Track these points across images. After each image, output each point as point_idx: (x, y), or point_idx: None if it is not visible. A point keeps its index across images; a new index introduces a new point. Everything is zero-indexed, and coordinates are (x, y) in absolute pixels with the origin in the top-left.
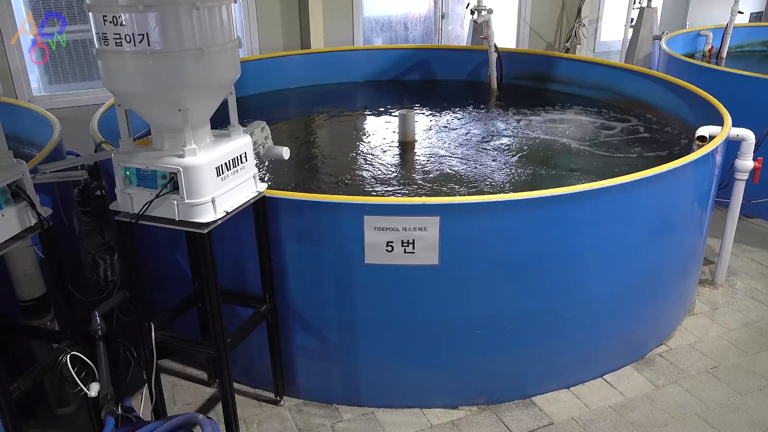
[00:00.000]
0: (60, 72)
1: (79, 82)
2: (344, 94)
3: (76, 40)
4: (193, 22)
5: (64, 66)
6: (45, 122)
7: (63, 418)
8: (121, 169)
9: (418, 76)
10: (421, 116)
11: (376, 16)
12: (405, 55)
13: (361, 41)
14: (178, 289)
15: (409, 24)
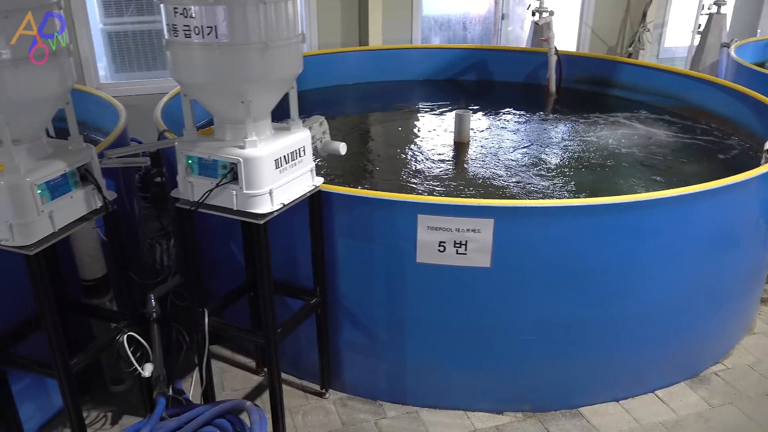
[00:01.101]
0: (126, 61)
1: (144, 72)
2: (400, 92)
3: (142, 30)
4: (260, 16)
5: (130, 55)
6: (111, 109)
7: (116, 395)
8: (184, 157)
9: (475, 77)
10: (477, 117)
11: (435, 15)
12: (462, 55)
13: (419, 40)
14: (231, 277)
15: (468, 24)
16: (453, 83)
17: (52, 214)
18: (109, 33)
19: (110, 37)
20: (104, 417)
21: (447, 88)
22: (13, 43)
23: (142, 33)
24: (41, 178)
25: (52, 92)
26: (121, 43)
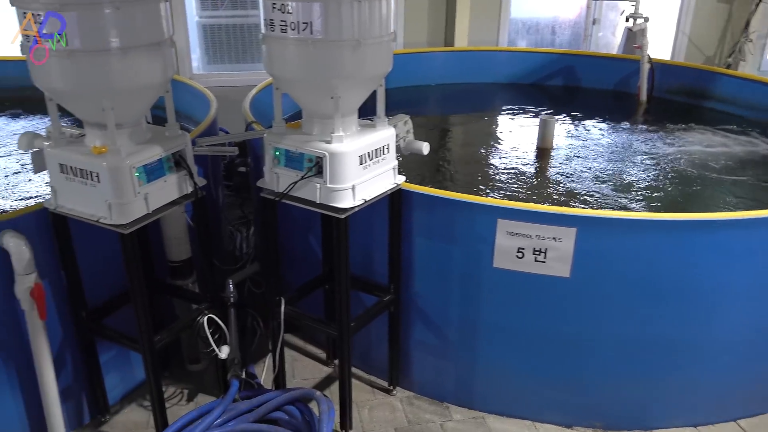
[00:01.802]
0: (218, 53)
1: (234, 64)
2: (484, 95)
3: (235, 24)
4: (354, 14)
5: (222, 48)
6: (203, 98)
7: (193, 374)
8: (272, 149)
9: (561, 82)
10: (562, 123)
11: (523, 17)
12: (550, 60)
13: (505, 42)
14: (307, 268)
15: (557, 28)
16: (538, 88)
17: (147, 197)
18: (204, 26)
19: (204, 29)
20: (181, 393)
21: (532, 93)
22: (122, 32)
23: (235, 26)
24: (139, 162)
25: (154, 80)
26: (215, 35)
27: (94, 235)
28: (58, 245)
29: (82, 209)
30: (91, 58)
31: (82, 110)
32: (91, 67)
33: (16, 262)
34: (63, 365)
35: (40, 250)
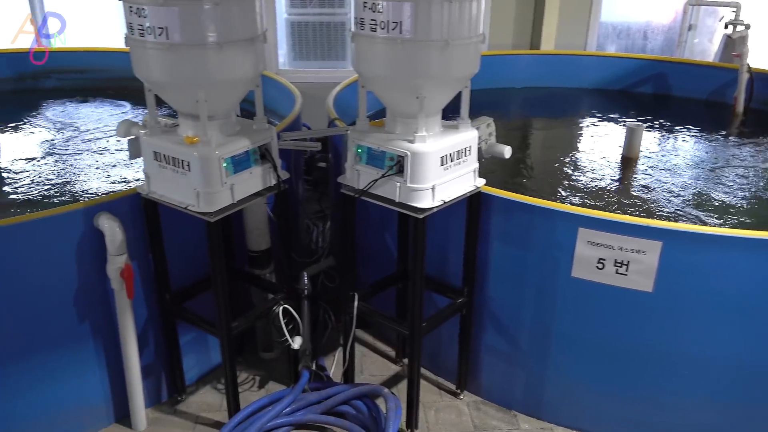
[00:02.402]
0: (304, 50)
1: (319, 61)
2: (569, 100)
3: (321, 22)
4: (444, 14)
5: (308, 44)
6: (288, 94)
7: (265, 362)
8: (355, 146)
9: (651, 89)
10: (650, 132)
11: (613, 21)
12: (640, 66)
13: (593, 47)
14: (382, 266)
15: (649, 33)
16: (627, 95)
17: (233, 187)
18: (292, 23)
19: (292, 26)
20: (252, 380)
21: (619, 99)
22: (219, 27)
23: (321, 24)
24: (228, 153)
25: (246, 74)
26: (302, 32)
27: (181, 221)
28: (148, 229)
29: (172, 196)
30: (190, 51)
31: (178, 101)
32: (189, 60)
33: (110, 243)
34: (146, 344)
35: (131, 232)
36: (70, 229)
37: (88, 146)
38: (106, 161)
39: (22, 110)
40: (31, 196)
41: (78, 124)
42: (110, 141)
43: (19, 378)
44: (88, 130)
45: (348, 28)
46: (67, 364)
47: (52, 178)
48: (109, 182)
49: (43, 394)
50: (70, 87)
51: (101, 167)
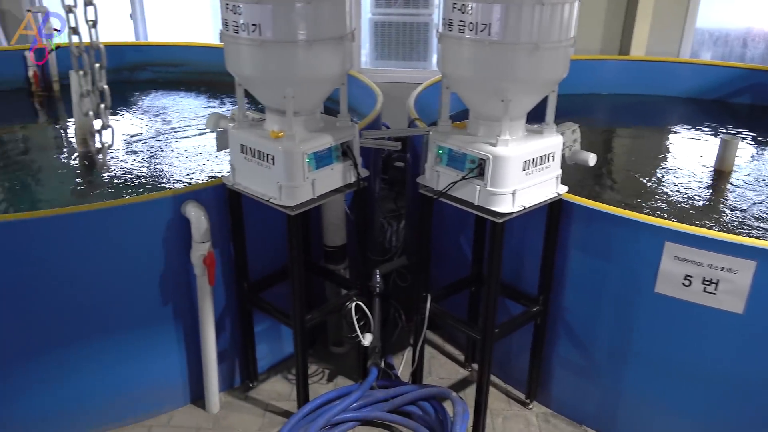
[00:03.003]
0: (386, 49)
1: (400, 61)
2: (659, 108)
3: (405, 22)
4: (534, 17)
5: (390, 44)
6: (369, 92)
7: (335, 356)
8: (435, 147)
9: (749, 100)
10: (746, 144)
11: (710, 27)
12: (738, 75)
13: (687, 54)
14: (455, 268)
15: (749, 41)
16: (722, 105)
17: (314, 182)
18: (376, 22)
19: (376, 25)
20: (322, 373)
21: (714, 110)
22: (309, 25)
23: (405, 25)
24: (311, 149)
25: (334, 72)
26: (385, 32)
27: (262, 213)
28: (231, 219)
29: (255, 188)
30: (280, 48)
31: (266, 96)
32: (279, 57)
33: (195, 230)
34: (222, 330)
35: (215, 221)
36: (160, 215)
37: (178, 137)
38: (194, 152)
39: (117, 100)
40: (123, 182)
41: (169, 115)
42: (199, 132)
43: (106, 353)
44: (179, 122)
45: (431, 30)
46: (149, 343)
47: (144, 166)
48: (196, 172)
49: (126, 371)
50: (163, 80)
51: (189, 157)
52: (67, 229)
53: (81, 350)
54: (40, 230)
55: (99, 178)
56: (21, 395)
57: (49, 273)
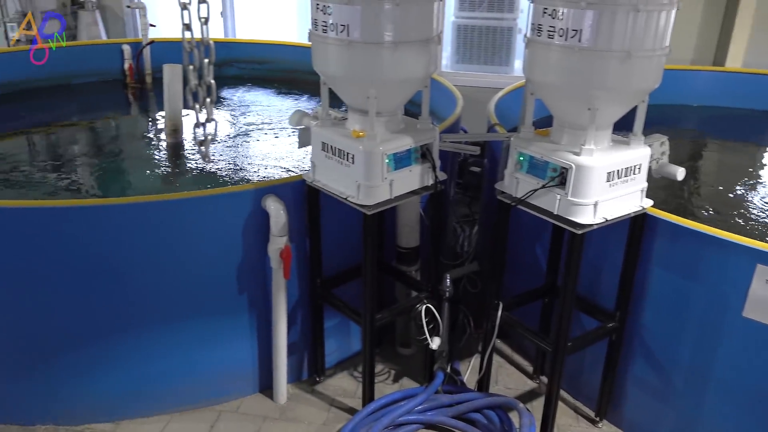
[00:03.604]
0: (468, 53)
1: (481, 65)
2: (755, 122)
3: (488, 26)
4: (628, 24)
5: (472, 48)
6: (449, 96)
7: (401, 357)
8: (517, 153)
9: None
10: None
11: None
12: None
13: None
14: (529, 277)
15: None
16: None
17: (392, 183)
18: (458, 25)
19: (458, 29)
20: (387, 373)
21: None
22: (397, 27)
23: (488, 29)
24: (391, 149)
25: (418, 75)
26: (467, 35)
27: (339, 211)
28: (309, 215)
29: (334, 186)
30: (366, 49)
31: (350, 96)
32: (365, 57)
33: (274, 224)
34: (293, 323)
35: (293, 216)
36: (240, 207)
37: (260, 132)
38: (276, 147)
39: None
40: (208, 174)
41: (253, 111)
42: (281, 129)
43: (182, 337)
44: (262, 118)
45: (515, 34)
46: (223, 331)
47: (227, 159)
48: (277, 167)
49: (200, 355)
50: (248, 76)
51: (270, 152)
52: (153, 216)
53: (159, 333)
54: (128, 216)
55: (185, 168)
56: (102, 372)
57: (133, 257)
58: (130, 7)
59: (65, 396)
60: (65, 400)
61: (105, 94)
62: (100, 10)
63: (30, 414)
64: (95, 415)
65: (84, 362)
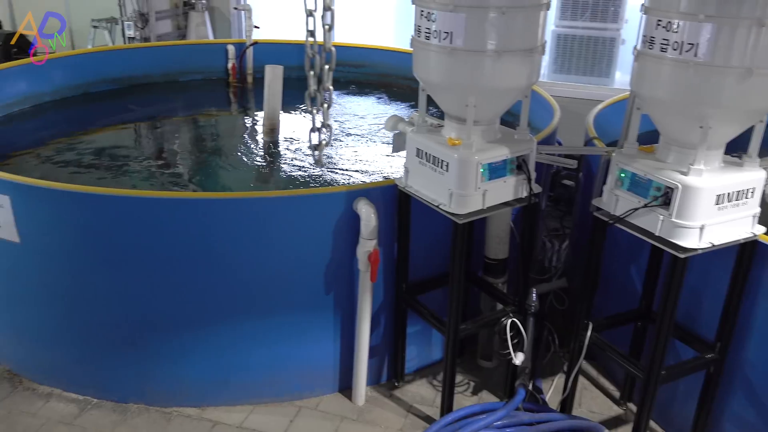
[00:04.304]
0: (566, 63)
1: (580, 76)
2: None
3: (589, 36)
4: (750, 39)
5: (571, 58)
6: (546, 106)
7: (482, 369)
8: (618, 169)
9: None
10: None
11: None
12: None
13: None
14: (621, 299)
15: None
16: None
17: (486, 193)
18: (558, 34)
19: (558, 38)
20: (467, 384)
21: None
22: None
23: (589, 39)
24: (486, 159)
25: (520, 84)
26: (567, 45)
27: (428, 218)
28: (399, 220)
29: (426, 192)
30: (469, 57)
31: (448, 103)
32: (467, 65)
33: (364, 227)
34: (376, 326)
35: (383, 220)
36: (332, 208)
37: (352, 135)
38: (367, 150)
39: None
40: (299, 174)
41: (346, 114)
42: (374, 132)
43: (268, 331)
44: (355, 121)
45: (618, 45)
46: (307, 328)
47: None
48: (367, 170)
49: (284, 350)
50: (345, 79)
51: (362, 156)
52: (250, 211)
53: (248, 325)
54: (228, 211)
55: (279, 167)
56: (192, 358)
57: (229, 251)
58: (237, 9)
59: (157, 378)
60: (156, 382)
61: (208, 92)
62: (209, 11)
63: (123, 392)
64: (183, 399)
65: (176, 348)
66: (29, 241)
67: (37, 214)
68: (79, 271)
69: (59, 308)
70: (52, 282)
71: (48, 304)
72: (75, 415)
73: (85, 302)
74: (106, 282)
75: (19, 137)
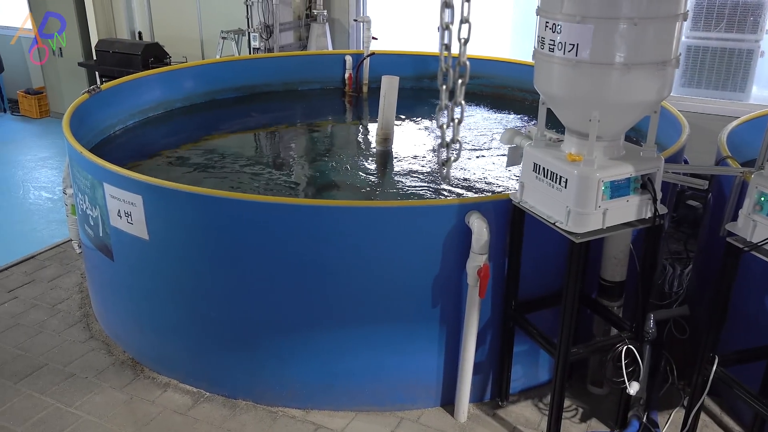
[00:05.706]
0: (696, 77)
1: (711, 90)
2: None
3: (724, 48)
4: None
5: (702, 71)
6: (673, 122)
7: (591, 396)
8: (757, 192)
9: None
10: None
11: None
12: None
13: None
14: (752, 332)
15: None
16: None
17: (606, 212)
18: (689, 46)
19: (688, 50)
20: (575, 410)
21: None
22: (631, 48)
23: (723, 50)
24: (609, 177)
25: (649, 99)
26: (698, 57)
27: (542, 235)
28: (511, 236)
29: (542, 209)
30: (595, 69)
31: (570, 117)
32: (592, 79)
33: (475, 241)
34: (482, 342)
35: (494, 235)
36: (444, 221)
37: (466, 148)
38: (481, 163)
39: (419, 106)
40: (410, 184)
41: None
42: (487, 146)
43: (374, 340)
44: (469, 133)
45: (755, 57)
46: (413, 340)
47: (429, 171)
48: (479, 183)
49: (389, 360)
50: None
51: (475, 168)
52: (362, 220)
53: (355, 332)
54: (340, 219)
55: (392, 177)
56: (300, 361)
57: (341, 258)
58: (356, 21)
59: (265, 378)
60: (265, 381)
61: (325, 101)
62: (329, 23)
63: (234, 388)
64: (289, 399)
65: (285, 349)
66: (157, 238)
67: (165, 214)
68: (200, 270)
69: (180, 304)
70: (175, 279)
71: (170, 299)
72: (189, 407)
73: (204, 300)
74: (223, 281)
75: (152, 140)
